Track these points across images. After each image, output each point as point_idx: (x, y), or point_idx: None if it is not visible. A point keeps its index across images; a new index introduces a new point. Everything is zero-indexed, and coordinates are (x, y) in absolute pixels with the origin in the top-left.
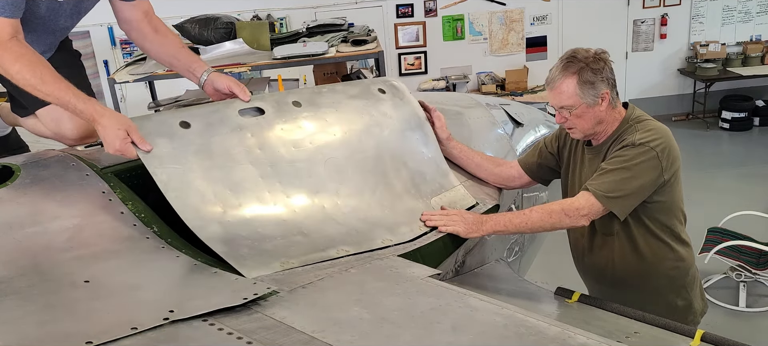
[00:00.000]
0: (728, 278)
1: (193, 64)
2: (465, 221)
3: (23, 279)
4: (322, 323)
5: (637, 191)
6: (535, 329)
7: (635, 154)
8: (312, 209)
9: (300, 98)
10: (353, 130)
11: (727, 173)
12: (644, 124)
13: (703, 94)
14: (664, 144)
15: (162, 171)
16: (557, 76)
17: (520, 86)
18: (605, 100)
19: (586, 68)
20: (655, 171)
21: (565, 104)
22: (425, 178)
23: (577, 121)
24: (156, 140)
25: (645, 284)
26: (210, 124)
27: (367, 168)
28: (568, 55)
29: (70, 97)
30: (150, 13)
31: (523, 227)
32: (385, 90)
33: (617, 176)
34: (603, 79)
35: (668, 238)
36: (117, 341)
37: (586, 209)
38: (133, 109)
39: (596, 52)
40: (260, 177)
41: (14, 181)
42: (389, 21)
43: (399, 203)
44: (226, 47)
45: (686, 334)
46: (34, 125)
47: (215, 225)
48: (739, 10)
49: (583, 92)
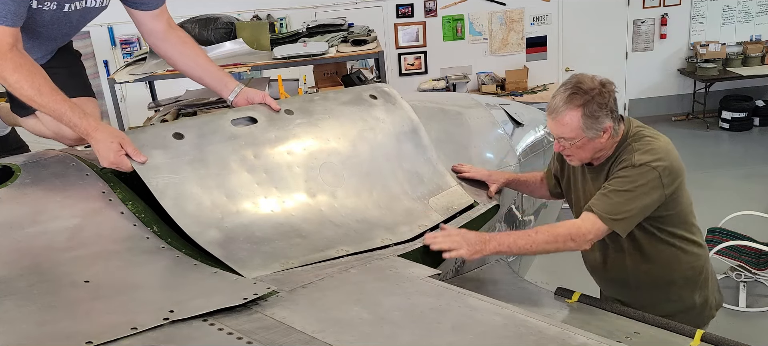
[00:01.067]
0: (728, 278)
1: (225, 78)
2: (468, 242)
3: (23, 279)
4: (322, 323)
5: (640, 211)
6: (535, 329)
7: (637, 175)
8: (309, 211)
9: (292, 106)
10: (347, 135)
11: (727, 172)
12: (643, 142)
13: (703, 94)
14: (664, 162)
15: (158, 181)
16: (561, 107)
17: (520, 86)
18: (607, 133)
19: (592, 102)
20: (657, 190)
21: (566, 136)
22: (422, 179)
23: (577, 152)
24: (150, 152)
25: (663, 287)
26: (203, 134)
27: (363, 171)
28: (573, 83)
29: (65, 110)
30: (172, 24)
31: (528, 249)
32: (377, 96)
33: (620, 197)
34: (607, 112)
35: (680, 243)
36: (117, 341)
37: (592, 233)
38: (133, 109)
39: (602, 82)
40: (256, 183)
41: (14, 181)
42: (389, 21)
43: (397, 203)
44: (226, 47)
45: (686, 334)
46: (34, 125)
47: (213, 231)
48: (739, 10)
49: (586, 126)
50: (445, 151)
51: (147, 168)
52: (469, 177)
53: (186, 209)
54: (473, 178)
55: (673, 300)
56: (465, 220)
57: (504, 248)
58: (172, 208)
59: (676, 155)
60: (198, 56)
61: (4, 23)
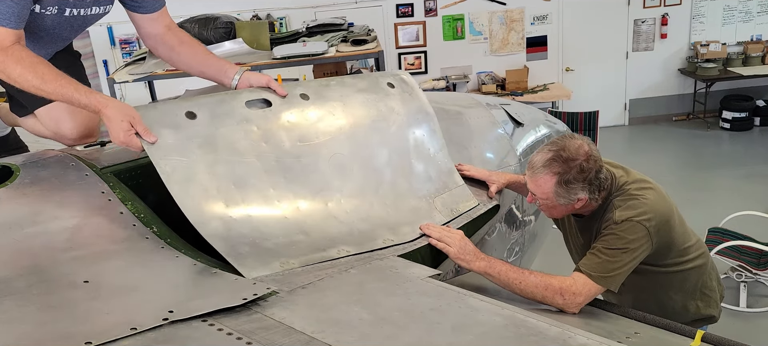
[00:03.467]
0: (729, 278)
1: (225, 66)
2: (461, 247)
3: (22, 279)
4: (322, 324)
5: (629, 265)
6: (535, 329)
7: (622, 232)
8: (315, 206)
9: (308, 91)
10: (359, 125)
11: (727, 172)
12: (625, 196)
13: (703, 94)
14: (648, 214)
15: (166, 163)
16: (538, 168)
17: (521, 86)
18: (581, 202)
19: (568, 172)
20: (645, 244)
21: (538, 195)
22: (430, 176)
23: (549, 210)
24: (161, 131)
25: (668, 300)
26: (216, 115)
27: (372, 166)
28: (558, 148)
29: (72, 92)
30: (172, 27)
31: (515, 286)
32: (394, 84)
33: (609, 256)
34: (584, 185)
35: (678, 268)
36: (117, 341)
37: (582, 296)
38: None
39: (588, 154)
40: (264, 172)
41: (14, 181)
42: (389, 21)
43: (402, 202)
44: (225, 47)
45: (686, 334)
46: (34, 125)
47: (217, 221)
48: (739, 10)
49: (557, 194)
50: None
51: (157, 148)
52: (469, 176)
53: (192, 196)
54: (473, 177)
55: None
56: (465, 220)
57: (493, 272)
58: (179, 193)
59: (664, 202)
60: (196, 51)
61: (7, 25)
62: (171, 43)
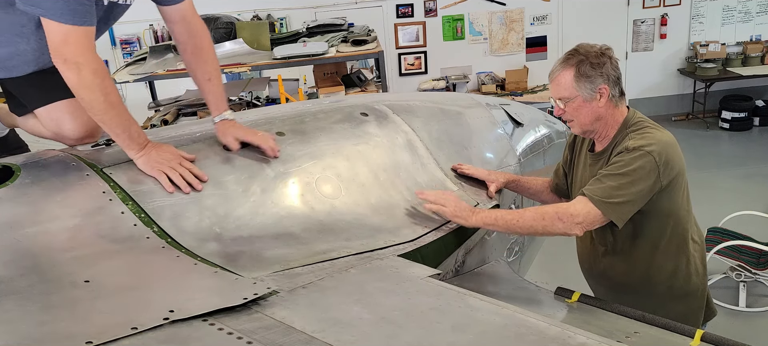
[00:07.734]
0: (728, 278)
1: (217, 102)
2: (456, 206)
3: (23, 279)
4: (322, 323)
5: (635, 197)
6: (535, 329)
7: (631, 159)
8: (309, 222)
9: (283, 128)
10: (342, 149)
11: (727, 173)
12: (642, 132)
13: (703, 94)
14: (659, 148)
15: (153, 206)
16: (557, 68)
17: (520, 86)
18: (603, 96)
19: (585, 62)
20: (652, 175)
21: (562, 95)
22: (421, 187)
23: (575, 114)
24: (143, 177)
25: (664, 292)
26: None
27: (361, 182)
28: (572, 48)
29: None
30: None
31: (514, 226)
32: (368, 113)
33: (614, 181)
34: (602, 74)
35: (680, 251)
36: (117, 341)
37: (581, 216)
38: (134, 109)
39: (601, 48)
40: (253, 200)
41: (14, 181)
42: (389, 21)
43: (397, 210)
44: (226, 47)
45: (686, 334)
46: (33, 126)
47: (212, 243)
48: (739, 10)
49: (579, 85)
50: (445, 151)
51: (142, 194)
52: (468, 175)
53: (184, 228)
54: (473, 176)
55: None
56: None
57: (490, 220)
58: (170, 228)
59: (677, 150)
60: (199, 69)
61: (84, 23)
62: (184, 45)
